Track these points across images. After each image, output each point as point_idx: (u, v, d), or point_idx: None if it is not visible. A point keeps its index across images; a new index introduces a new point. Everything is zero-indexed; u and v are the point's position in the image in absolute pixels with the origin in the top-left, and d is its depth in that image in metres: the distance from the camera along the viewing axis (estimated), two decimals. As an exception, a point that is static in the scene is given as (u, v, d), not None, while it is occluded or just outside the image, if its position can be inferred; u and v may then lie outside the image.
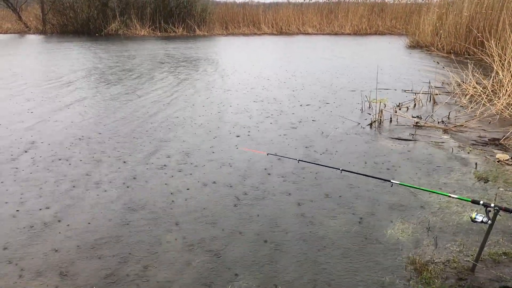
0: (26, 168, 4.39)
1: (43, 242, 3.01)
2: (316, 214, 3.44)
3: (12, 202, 3.61)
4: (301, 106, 7.18)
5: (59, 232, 3.14)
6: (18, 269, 2.70)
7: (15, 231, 3.15)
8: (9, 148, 4.98)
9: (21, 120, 6.18)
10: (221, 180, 4.13)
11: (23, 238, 3.06)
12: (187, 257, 2.84)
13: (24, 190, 3.86)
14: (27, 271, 2.68)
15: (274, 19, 27.46)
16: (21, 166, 4.44)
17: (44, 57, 13.91)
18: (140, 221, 3.31)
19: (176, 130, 5.79)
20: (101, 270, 2.70)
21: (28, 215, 3.40)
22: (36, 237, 3.08)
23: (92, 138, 5.40)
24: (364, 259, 2.84)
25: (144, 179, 4.12)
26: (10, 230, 3.17)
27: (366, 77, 10.30)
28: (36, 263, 2.76)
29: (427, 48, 16.61)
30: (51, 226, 3.22)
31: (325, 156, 4.82)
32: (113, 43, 18.47)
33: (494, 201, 3.59)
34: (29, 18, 25.51)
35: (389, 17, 28.36)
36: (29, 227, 3.20)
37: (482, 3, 13.57)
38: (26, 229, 3.17)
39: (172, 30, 24.55)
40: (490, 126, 5.99)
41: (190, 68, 11.65)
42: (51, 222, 3.28)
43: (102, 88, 8.66)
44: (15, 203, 3.60)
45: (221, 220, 3.35)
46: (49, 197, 3.72)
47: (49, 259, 2.81)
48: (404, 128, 5.96)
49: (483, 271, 2.67)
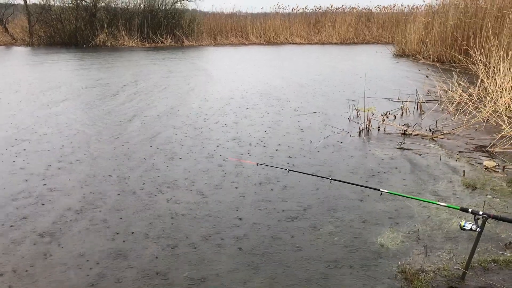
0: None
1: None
2: (305, 223, 3.42)
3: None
4: (289, 116, 7.19)
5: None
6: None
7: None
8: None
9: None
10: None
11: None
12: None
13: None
14: None
15: (262, 29, 27.67)
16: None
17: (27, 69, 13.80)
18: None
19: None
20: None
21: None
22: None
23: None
24: (354, 268, 2.82)
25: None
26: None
27: (354, 86, 10.37)
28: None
29: (413, 56, 16.82)
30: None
31: (313, 165, 4.82)
32: (99, 56, 18.39)
33: (483, 208, 3.60)
34: (15, 30, 25.31)
35: (376, 27, 28.79)
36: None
37: (466, 11, 13.80)
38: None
39: (160, 41, 24.55)
40: (477, 134, 6.05)
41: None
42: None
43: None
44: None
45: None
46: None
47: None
48: (392, 137, 5.99)
49: (473, 278, 2.67)
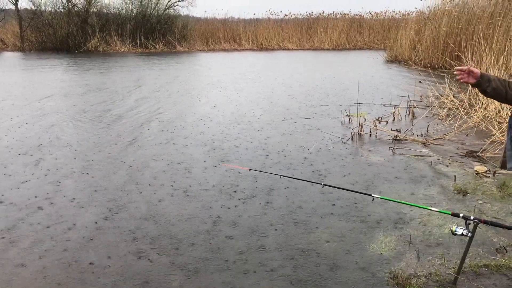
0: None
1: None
2: (296, 229, 3.42)
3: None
4: (281, 121, 7.20)
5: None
6: None
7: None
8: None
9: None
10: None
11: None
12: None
13: None
14: None
15: (255, 35, 27.78)
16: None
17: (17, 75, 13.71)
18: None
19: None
20: None
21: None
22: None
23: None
24: (346, 274, 2.81)
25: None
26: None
27: (346, 91, 10.41)
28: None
29: (405, 62, 16.94)
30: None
31: (306, 170, 4.82)
32: (91, 62, 18.32)
33: (474, 213, 3.62)
34: (6, 35, 25.13)
35: (368, 33, 29.03)
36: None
37: (460, 18, 13.92)
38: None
39: (152, 46, 24.52)
40: (467, 139, 6.09)
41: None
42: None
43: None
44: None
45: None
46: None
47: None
48: (384, 142, 6.02)
49: (464, 283, 2.68)
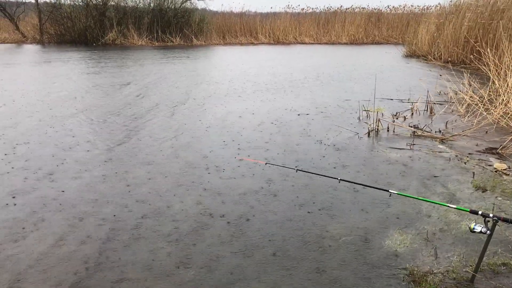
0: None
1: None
2: (312, 224, 3.41)
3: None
4: (298, 115, 7.17)
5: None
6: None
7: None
8: None
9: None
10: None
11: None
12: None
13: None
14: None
15: (271, 29, 27.62)
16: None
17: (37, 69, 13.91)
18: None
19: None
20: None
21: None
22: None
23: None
24: (362, 270, 2.80)
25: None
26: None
27: (364, 86, 10.32)
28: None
29: (424, 57, 16.70)
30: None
31: (322, 165, 4.80)
32: (110, 55, 18.47)
33: (493, 211, 3.57)
34: (26, 28, 25.49)
35: (386, 27, 28.65)
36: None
37: (483, 13, 13.66)
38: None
39: (169, 40, 24.61)
40: (487, 136, 5.99)
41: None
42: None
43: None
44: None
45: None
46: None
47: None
48: (402, 138, 5.95)
49: (482, 282, 2.64)
